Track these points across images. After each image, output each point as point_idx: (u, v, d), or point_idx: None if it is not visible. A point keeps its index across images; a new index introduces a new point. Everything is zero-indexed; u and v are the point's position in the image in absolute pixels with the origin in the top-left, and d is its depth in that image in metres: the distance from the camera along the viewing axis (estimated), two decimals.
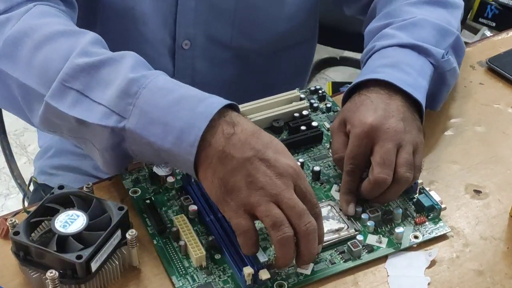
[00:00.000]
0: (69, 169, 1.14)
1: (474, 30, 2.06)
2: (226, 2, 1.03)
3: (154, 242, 0.80)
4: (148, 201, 0.84)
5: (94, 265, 0.73)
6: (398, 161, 0.82)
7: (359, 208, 0.83)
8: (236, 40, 1.07)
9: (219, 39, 1.06)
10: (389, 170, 0.81)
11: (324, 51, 2.15)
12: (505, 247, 0.82)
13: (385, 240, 0.81)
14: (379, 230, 0.82)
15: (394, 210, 0.83)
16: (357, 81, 0.90)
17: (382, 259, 0.80)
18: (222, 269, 0.78)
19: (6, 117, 1.32)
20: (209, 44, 1.06)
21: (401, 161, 0.82)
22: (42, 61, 0.81)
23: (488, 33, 1.95)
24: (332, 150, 0.88)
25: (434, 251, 0.80)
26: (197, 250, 0.77)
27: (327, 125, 0.96)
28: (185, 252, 0.79)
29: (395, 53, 0.92)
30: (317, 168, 0.88)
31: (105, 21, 1.00)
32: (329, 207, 0.84)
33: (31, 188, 1.18)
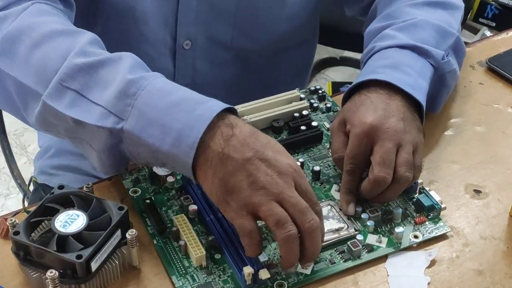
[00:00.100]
0: (69, 169, 1.14)
1: (474, 30, 2.06)
2: (227, 3, 1.03)
3: (154, 242, 0.80)
4: (148, 201, 0.84)
5: (94, 265, 0.73)
6: (398, 161, 0.82)
7: (359, 208, 0.83)
8: (237, 41, 1.07)
9: (220, 40, 1.06)
10: (389, 170, 0.81)
11: (324, 51, 2.15)
12: (505, 247, 0.82)
13: (385, 240, 0.81)
14: (379, 230, 0.82)
15: (394, 210, 0.83)
16: (357, 82, 0.90)
17: (382, 259, 0.80)
18: (222, 269, 0.78)
19: (6, 117, 1.32)
20: (210, 45, 1.06)
21: (401, 161, 0.82)
22: (40, 60, 0.80)
23: (488, 33, 1.95)
24: (332, 150, 0.88)
25: (434, 251, 0.80)
26: (197, 250, 0.77)
27: (327, 125, 0.96)
28: (185, 252, 0.79)
29: (395, 54, 0.92)
30: (317, 168, 0.88)
31: (106, 21, 1.00)
32: (329, 207, 0.84)
33: (31, 188, 1.18)
